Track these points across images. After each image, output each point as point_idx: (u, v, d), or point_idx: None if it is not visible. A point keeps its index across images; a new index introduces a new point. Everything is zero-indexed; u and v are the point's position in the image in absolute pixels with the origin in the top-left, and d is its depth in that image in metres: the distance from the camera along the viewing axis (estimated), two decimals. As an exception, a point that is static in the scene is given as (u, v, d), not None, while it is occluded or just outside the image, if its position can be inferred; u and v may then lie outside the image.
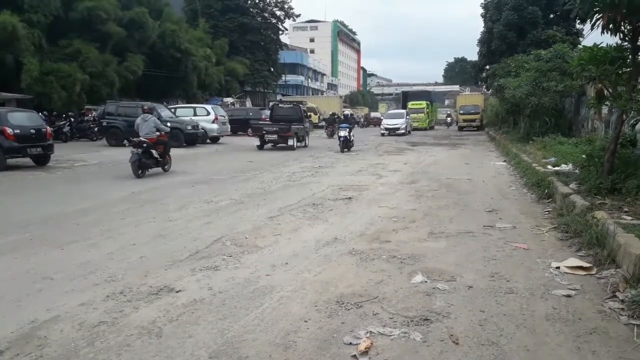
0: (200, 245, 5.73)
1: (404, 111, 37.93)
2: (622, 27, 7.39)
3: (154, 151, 12.26)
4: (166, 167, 13.04)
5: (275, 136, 20.84)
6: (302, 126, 22.13)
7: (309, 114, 32.78)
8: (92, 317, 3.71)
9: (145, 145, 12.01)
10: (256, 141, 21.20)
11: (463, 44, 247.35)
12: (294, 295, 4.14)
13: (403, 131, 32.80)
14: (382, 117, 42.41)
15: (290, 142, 20.95)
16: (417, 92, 55.94)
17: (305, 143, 22.61)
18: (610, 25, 7.33)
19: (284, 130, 20.76)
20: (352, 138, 20.16)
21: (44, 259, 5.28)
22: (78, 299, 4.06)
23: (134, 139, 12.25)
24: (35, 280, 4.55)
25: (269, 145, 21.05)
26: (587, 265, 4.72)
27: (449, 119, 49.02)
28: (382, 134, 32.85)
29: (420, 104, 43.78)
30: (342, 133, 19.68)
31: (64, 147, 20.54)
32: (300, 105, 24.61)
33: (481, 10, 38.57)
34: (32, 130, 13.84)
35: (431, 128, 43.26)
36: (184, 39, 36.37)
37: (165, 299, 4.09)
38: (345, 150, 19.64)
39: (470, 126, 40.57)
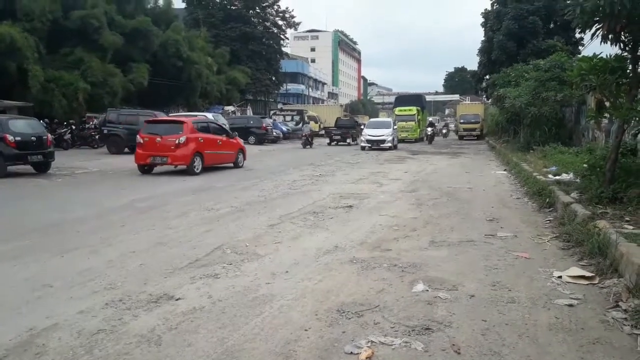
0: (200, 253, 5.71)
1: (390, 120, 32.02)
2: (622, 37, 7.41)
3: (309, 138, 28.38)
4: (312, 145, 28.70)
5: (339, 137, 32.14)
6: (355, 130, 33.14)
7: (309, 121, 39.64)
8: (90, 325, 3.68)
9: (305, 136, 28.33)
10: (326, 140, 32.93)
11: (463, 54, 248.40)
12: (295, 303, 4.11)
13: (389, 144, 26.77)
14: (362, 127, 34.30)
15: (348, 141, 31.78)
16: (405, 96, 46.77)
17: (357, 142, 31.40)
18: (610, 35, 7.35)
19: (345, 133, 32.25)
20: None
21: (43, 266, 5.25)
22: (77, 307, 4.04)
23: (305, 131, 29.38)
24: (34, 288, 4.52)
25: (334, 142, 31.99)
26: (590, 274, 4.69)
27: (429, 129, 34.90)
28: (363, 148, 26.91)
29: (410, 109, 36.70)
30: None
31: (65, 154, 20.55)
32: (354, 116, 40.62)
33: (481, 20, 38.79)
34: (33, 138, 13.85)
35: (421, 139, 35.99)
36: (186, 48, 36.46)
37: (165, 307, 4.06)
38: None
39: (471, 135, 40.57)
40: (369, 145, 26.79)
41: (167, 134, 14.01)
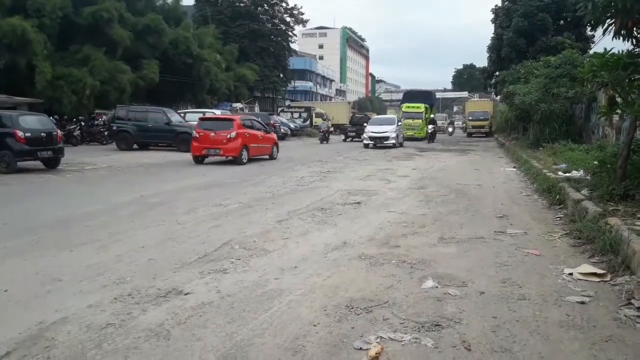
0: (209, 248, 5.71)
1: (394, 116, 30.86)
2: (635, 33, 7.32)
3: (326, 134, 31.14)
4: (329, 141, 31.10)
5: (354, 133, 32.44)
6: None
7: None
8: (99, 319, 3.69)
9: (322, 132, 31.26)
10: (342, 137, 34.95)
11: (472, 51, 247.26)
12: (303, 299, 4.10)
13: (393, 141, 25.59)
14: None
15: (362, 137, 29.36)
16: (415, 92, 44.41)
17: None
18: (622, 31, 7.26)
19: (359, 130, 31.26)
20: None
21: (52, 260, 5.27)
22: (86, 301, 4.04)
23: (323, 128, 32.14)
24: (43, 282, 4.54)
25: (349, 139, 33.03)
26: (601, 271, 4.64)
27: (431, 127, 32.05)
28: (366, 146, 25.91)
29: (418, 107, 35.15)
30: None
31: (74, 150, 20.66)
32: (367, 114, 39.62)
33: (490, 16, 38.55)
34: (42, 134, 13.92)
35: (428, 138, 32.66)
36: (195, 45, 36.54)
37: (174, 301, 4.06)
38: None
39: (479, 132, 40.40)
40: (372, 142, 25.80)
41: (220, 130, 16.23)
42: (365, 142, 26.30)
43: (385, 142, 25.44)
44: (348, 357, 3.11)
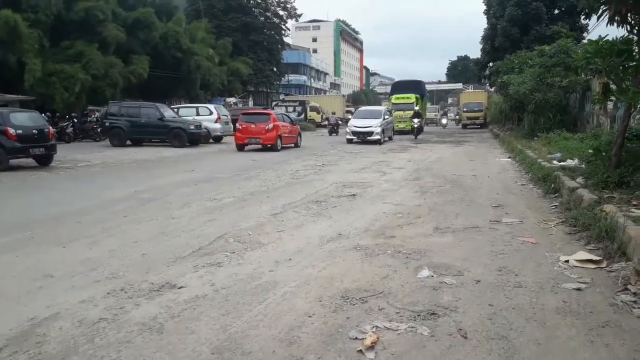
0: (202, 242, 5.66)
1: (381, 108, 28.04)
2: (629, 19, 7.29)
3: (335, 127, 31.31)
4: (338, 133, 30.69)
5: None
6: None
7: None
8: (92, 314, 3.64)
9: (332, 125, 31.48)
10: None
11: (465, 43, 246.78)
12: (298, 290, 4.06)
13: (378, 137, 23.04)
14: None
15: None
16: (404, 82, 40.94)
17: None
18: (617, 18, 7.23)
19: None
20: None
21: (44, 256, 5.21)
22: (78, 296, 3.99)
23: (332, 121, 32.30)
24: (35, 278, 4.48)
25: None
26: (597, 258, 4.63)
27: (416, 120, 27.54)
28: (349, 141, 23.41)
29: (408, 97, 33.40)
30: None
31: (67, 147, 20.52)
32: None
33: (483, 8, 38.42)
34: (34, 131, 13.79)
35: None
36: (186, 40, 36.31)
37: (167, 295, 4.02)
38: None
39: (474, 124, 40.41)
40: (354, 137, 23.32)
41: (259, 122, 19.49)
42: (347, 137, 23.77)
43: (369, 138, 22.97)
44: (343, 347, 3.07)
